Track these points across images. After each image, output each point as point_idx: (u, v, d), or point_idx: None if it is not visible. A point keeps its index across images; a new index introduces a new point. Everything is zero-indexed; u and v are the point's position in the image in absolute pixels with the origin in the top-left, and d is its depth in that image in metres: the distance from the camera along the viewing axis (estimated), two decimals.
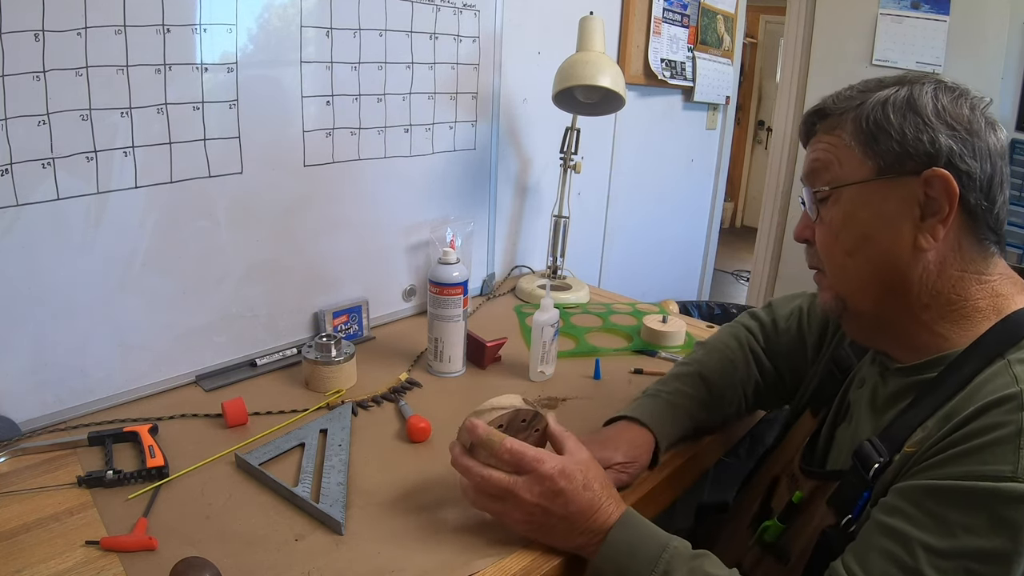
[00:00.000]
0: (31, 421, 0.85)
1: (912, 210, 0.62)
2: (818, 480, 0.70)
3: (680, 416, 0.87)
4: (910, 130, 0.62)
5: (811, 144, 0.71)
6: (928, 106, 0.62)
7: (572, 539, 0.67)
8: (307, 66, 1.02)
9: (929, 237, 0.62)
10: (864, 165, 0.64)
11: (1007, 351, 0.59)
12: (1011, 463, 0.51)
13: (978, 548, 0.52)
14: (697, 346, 0.99)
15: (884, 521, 0.57)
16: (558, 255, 1.49)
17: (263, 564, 0.65)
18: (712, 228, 2.52)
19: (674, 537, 0.66)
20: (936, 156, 0.61)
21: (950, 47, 2.43)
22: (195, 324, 0.99)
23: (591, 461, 0.70)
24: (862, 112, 0.65)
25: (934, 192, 0.61)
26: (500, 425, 0.71)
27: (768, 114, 5.47)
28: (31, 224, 0.80)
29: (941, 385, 0.61)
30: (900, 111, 0.62)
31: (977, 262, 0.63)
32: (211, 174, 0.95)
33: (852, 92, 0.67)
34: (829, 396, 0.80)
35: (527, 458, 0.66)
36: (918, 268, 0.63)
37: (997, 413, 0.54)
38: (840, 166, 0.66)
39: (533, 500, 0.66)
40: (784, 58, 2.92)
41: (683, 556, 0.63)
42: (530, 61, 1.47)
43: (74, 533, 0.67)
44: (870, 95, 0.65)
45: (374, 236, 1.20)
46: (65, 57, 0.78)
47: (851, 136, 0.65)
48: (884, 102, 0.63)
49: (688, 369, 0.93)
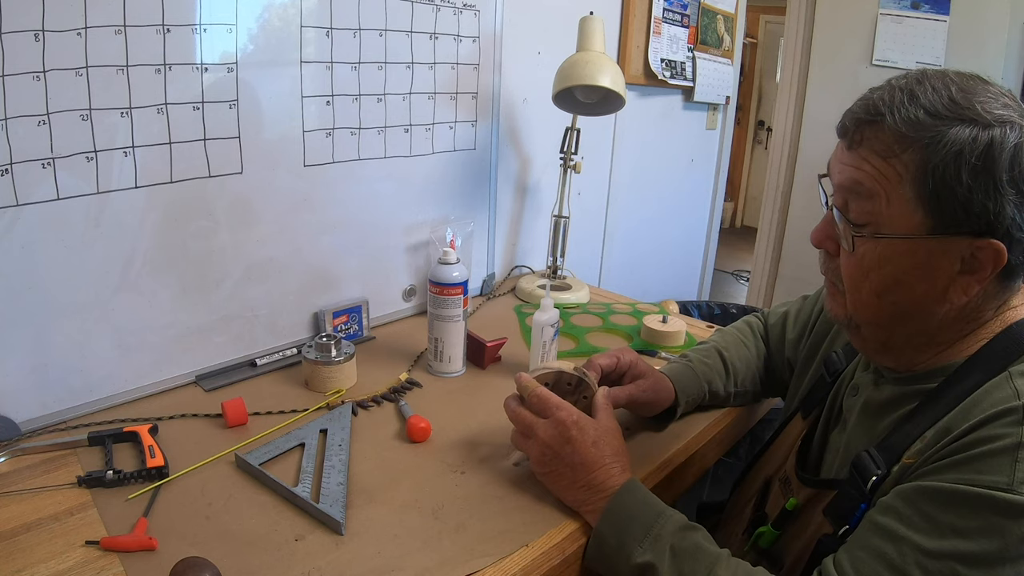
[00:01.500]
0: (31, 421, 0.85)
1: (953, 265, 0.59)
2: (814, 488, 0.70)
3: (698, 379, 0.94)
4: (979, 195, 0.55)
5: (854, 153, 0.62)
6: (1005, 166, 0.55)
7: (573, 491, 0.73)
8: (307, 66, 1.02)
9: (961, 293, 0.60)
10: (915, 216, 0.58)
11: (1009, 364, 0.59)
12: (1007, 475, 0.51)
13: (966, 551, 0.52)
14: (714, 332, 1.09)
15: (877, 519, 0.58)
16: (558, 255, 1.48)
17: (263, 564, 0.65)
18: (712, 228, 2.53)
19: (671, 508, 0.69)
20: (996, 226, 0.56)
21: (950, 47, 2.43)
22: (195, 324, 0.99)
23: (612, 430, 0.76)
24: (930, 158, 0.56)
25: (981, 256, 0.58)
26: (547, 383, 0.80)
27: (768, 114, 5.48)
28: (31, 224, 0.80)
29: (942, 396, 0.61)
30: (974, 171, 0.55)
31: (998, 299, 0.62)
32: (211, 174, 0.95)
33: (919, 112, 0.57)
34: (819, 399, 0.80)
35: (549, 404, 0.75)
36: (940, 312, 0.61)
37: (997, 425, 0.54)
38: (887, 204, 0.59)
39: (546, 440, 0.74)
40: (784, 58, 2.92)
41: (676, 524, 0.66)
42: (530, 61, 1.47)
43: (74, 533, 0.67)
44: (943, 131, 0.56)
45: (374, 236, 1.20)
46: (65, 57, 0.78)
47: (910, 179, 0.57)
48: (959, 154, 0.55)
49: (706, 345, 1.01)
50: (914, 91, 0.58)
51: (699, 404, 0.96)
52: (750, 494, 0.84)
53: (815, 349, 0.89)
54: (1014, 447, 0.52)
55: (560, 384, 0.81)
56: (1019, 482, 0.51)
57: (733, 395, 0.98)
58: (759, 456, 0.88)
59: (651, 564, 0.64)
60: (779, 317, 1.00)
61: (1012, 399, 0.55)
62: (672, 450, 0.89)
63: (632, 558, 0.65)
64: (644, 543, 0.65)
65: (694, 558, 0.63)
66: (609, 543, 0.68)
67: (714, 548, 0.64)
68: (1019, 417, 0.53)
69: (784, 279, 3.01)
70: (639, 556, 0.65)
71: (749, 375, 1.00)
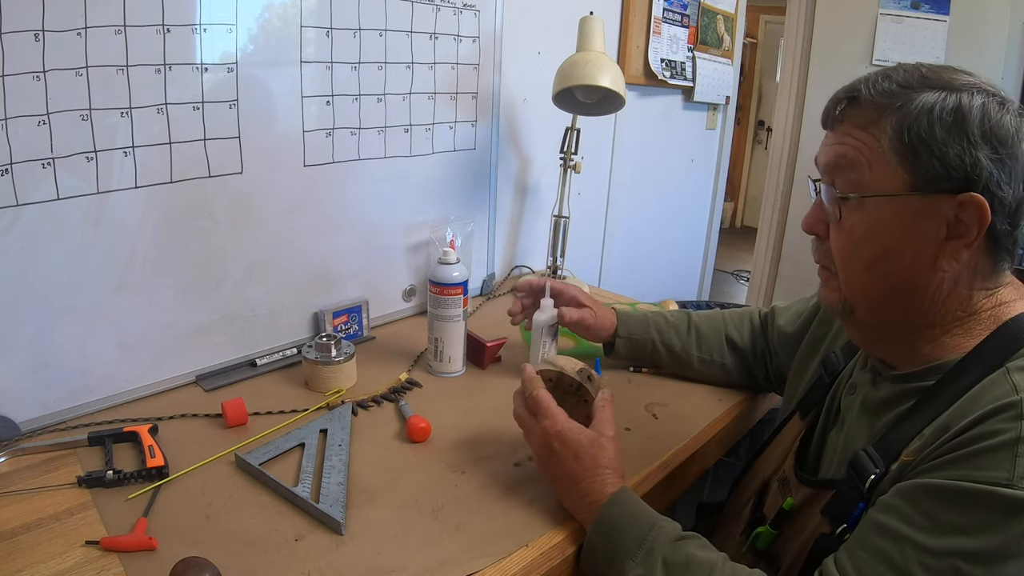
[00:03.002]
0: (31, 421, 0.85)
1: (939, 229, 0.60)
2: (812, 488, 0.70)
3: (645, 322, 1.04)
4: (954, 149, 0.57)
5: (837, 132, 0.65)
6: (975, 122, 0.57)
7: (567, 499, 0.74)
8: (307, 66, 1.02)
9: (951, 259, 0.60)
10: (896, 175, 0.60)
11: (1006, 360, 0.59)
12: (1007, 470, 0.51)
13: (968, 549, 0.52)
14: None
15: (878, 518, 0.57)
16: (558, 255, 1.48)
17: (263, 564, 0.65)
18: (712, 228, 2.53)
19: (663, 517, 0.68)
20: (975, 180, 0.57)
21: (950, 47, 2.43)
22: (195, 324, 0.99)
23: (606, 438, 0.74)
24: (904, 118, 0.59)
25: (965, 216, 0.58)
26: (550, 380, 0.80)
27: (768, 114, 5.48)
28: (31, 224, 0.80)
29: (939, 394, 0.61)
30: (946, 126, 0.58)
31: (988, 279, 0.63)
32: (211, 174, 0.95)
33: (891, 85, 0.61)
34: (818, 399, 0.80)
35: (540, 410, 0.76)
36: (932, 285, 0.62)
37: (996, 421, 0.54)
38: (870, 170, 0.62)
39: (536, 447, 0.76)
40: (784, 58, 2.92)
41: (669, 537, 0.66)
42: (530, 61, 1.47)
43: (74, 533, 0.67)
44: (914, 96, 0.60)
45: (374, 236, 1.20)
46: (65, 57, 0.78)
47: (888, 141, 0.60)
48: (930, 111, 0.58)
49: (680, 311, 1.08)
50: (887, 71, 0.63)
51: (650, 352, 1.04)
52: (748, 495, 0.84)
53: (814, 349, 0.89)
54: (1013, 442, 0.52)
55: (562, 384, 0.81)
56: (1019, 477, 0.51)
57: (698, 360, 1.03)
58: (757, 456, 0.88)
59: None
60: (779, 307, 1.02)
61: (1010, 394, 0.55)
62: (672, 450, 0.89)
63: (625, 573, 0.65)
64: (636, 557, 0.65)
65: (687, 570, 0.62)
66: (600, 556, 0.68)
67: (709, 556, 0.64)
68: (1018, 412, 0.53)
69: (784, 279, 3.01)
70: (632, 570, 0.64)
71: (717, 344, 1.03)
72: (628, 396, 1.01)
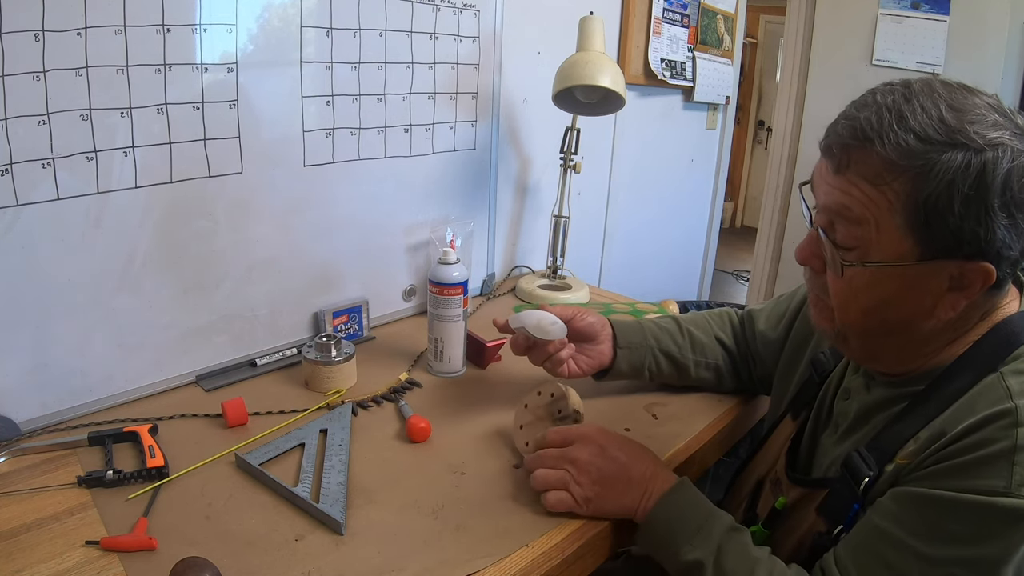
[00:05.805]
0: (31, 421, 0.85)
1: (942, 284, 0.59)
2: (805, 488, 0.71)
3: (641, 329, 0.98)
4: (969, 223, 0.54)
5: (841, 177, 0.60)
6: (997, 191, 0.53)
7: (627, 494, 0.73)
8: (307, 66, 1.02)
9: (949, 309, 0.59)
10: (904, 243, 0.57)
11: (999, 363, 0.59)
12: (1004, 478, 0.52)
13: (967, 557, 0.52)
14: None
15: (879, 523, 0.58)
16: (558, 255, 1.48)
17: (263, 564, 0.65)
18: (712, 228, 2.53)
19: (719, 508, 0.71)
20: (987, 251, 0.56)
21: (950, 47, 2.43)
22: (195, 324, 0.99)
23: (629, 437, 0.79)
24: (922, 187, 0.54)
25: (970, 275, 0.57)
26: (552, 394, 0.85)
27: (768, 114, 5.47)
28: (31, 224, 0.80)
29: (932, 397, 0.61)
30: (966, 200, 0.54)
31: (985, 306, 0.62)
32: (211, 174, 0.95)
33: (909, 138, 0.55)
34: (808, 399, 0.80)
35: (571, 432, 0.77)
36: (930, 324, 0.61)
37: (991, 429, 0.54)
38: (877, 231, 0.58)
39: (588, 458, 0.74)
40: (784, 58, 2.92)
41: (724, 525, 0.68)
42: (530, 61, 1.47)
43: (74, 533, 0.67)
44: (934, 158, 0.54)
45: (374, 236, 1.20)
46: (65, 57, 0.78)
47: (900, 208, 0.56)
48: (951, 183, 0.54)
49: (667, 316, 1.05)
50: (903, 112, 0.56)
51: (651, 364, 0.97)
52: (742, 495, 0.84)
53: (800, 350, 0.89)
54: (1010, 450, 0.52)
55: (551, 412, 0.85)
56: (1017, 485, 0.51)
57: (694, 364, 0.99)
58: (751, 458, 0.88)
59: (699, 561, 0.65)
60: (755, 310, 1.02)
61: (1004, 400, 0.55)
62: (672, 450, 0.89)
63: (681, 554, 0.67)
64: (695, 540, 0.67)
65: (739, 557, 0.65)
66: (660, 534, 0.70)
67: (756, 551, 0.66)
68: (1013, 420, 0.53)
69: (784, 279, 3.00)
70: (688, 553, 0.66)
71: (711, 345, 1.00)
72: (628, 396, 1.01)
